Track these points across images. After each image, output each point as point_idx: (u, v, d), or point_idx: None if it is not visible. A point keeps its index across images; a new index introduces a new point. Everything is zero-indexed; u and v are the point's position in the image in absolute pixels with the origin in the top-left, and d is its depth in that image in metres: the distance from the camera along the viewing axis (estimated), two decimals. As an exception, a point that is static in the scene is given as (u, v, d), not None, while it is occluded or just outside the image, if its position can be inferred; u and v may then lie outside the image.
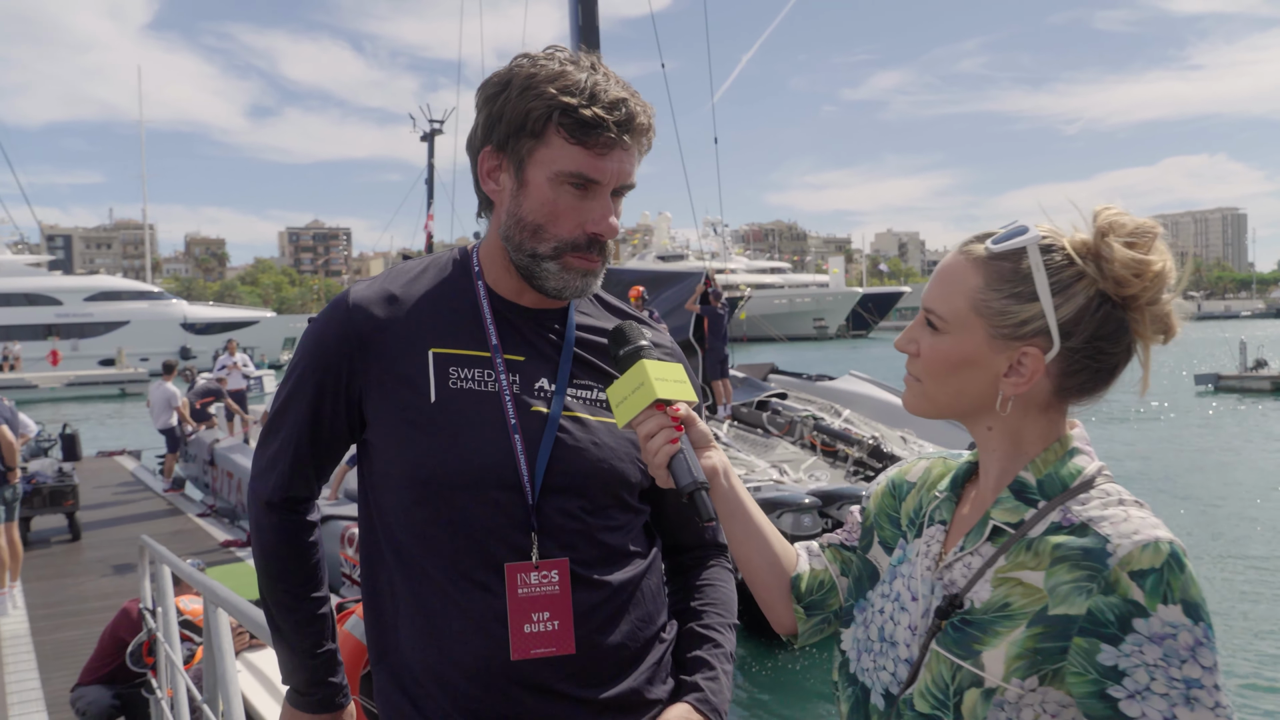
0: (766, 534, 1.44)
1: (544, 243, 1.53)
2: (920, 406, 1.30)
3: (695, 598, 1.73)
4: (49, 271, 62.68)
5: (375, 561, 1.61)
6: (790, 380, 15.81)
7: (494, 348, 1.58)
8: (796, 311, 73.10)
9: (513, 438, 1.54)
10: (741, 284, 71.99)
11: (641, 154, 1.57)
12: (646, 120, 1.53)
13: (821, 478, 10.79)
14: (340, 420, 1.61)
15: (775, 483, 9.82)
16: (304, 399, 1.61)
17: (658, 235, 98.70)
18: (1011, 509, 1.22)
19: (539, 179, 1.51)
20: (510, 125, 1.51)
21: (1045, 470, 1.22)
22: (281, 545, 1.69)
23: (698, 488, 1.32)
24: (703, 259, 58.33)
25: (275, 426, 1.66)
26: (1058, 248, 1.20)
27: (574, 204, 1.51)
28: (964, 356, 1.23)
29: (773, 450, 12.08)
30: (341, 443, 1.64)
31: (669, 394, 1.38)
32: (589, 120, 1.46)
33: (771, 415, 13.47)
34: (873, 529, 1.44)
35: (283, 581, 1.70)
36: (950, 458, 1.42)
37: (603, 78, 1.50)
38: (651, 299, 14.85)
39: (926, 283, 1.30)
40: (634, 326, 1.50)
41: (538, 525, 1.53)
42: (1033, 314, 1.19)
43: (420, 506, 1.54)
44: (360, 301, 1.59)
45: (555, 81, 1.48)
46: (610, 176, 1.51)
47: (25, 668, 7.21)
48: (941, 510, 1.33)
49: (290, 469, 1.65)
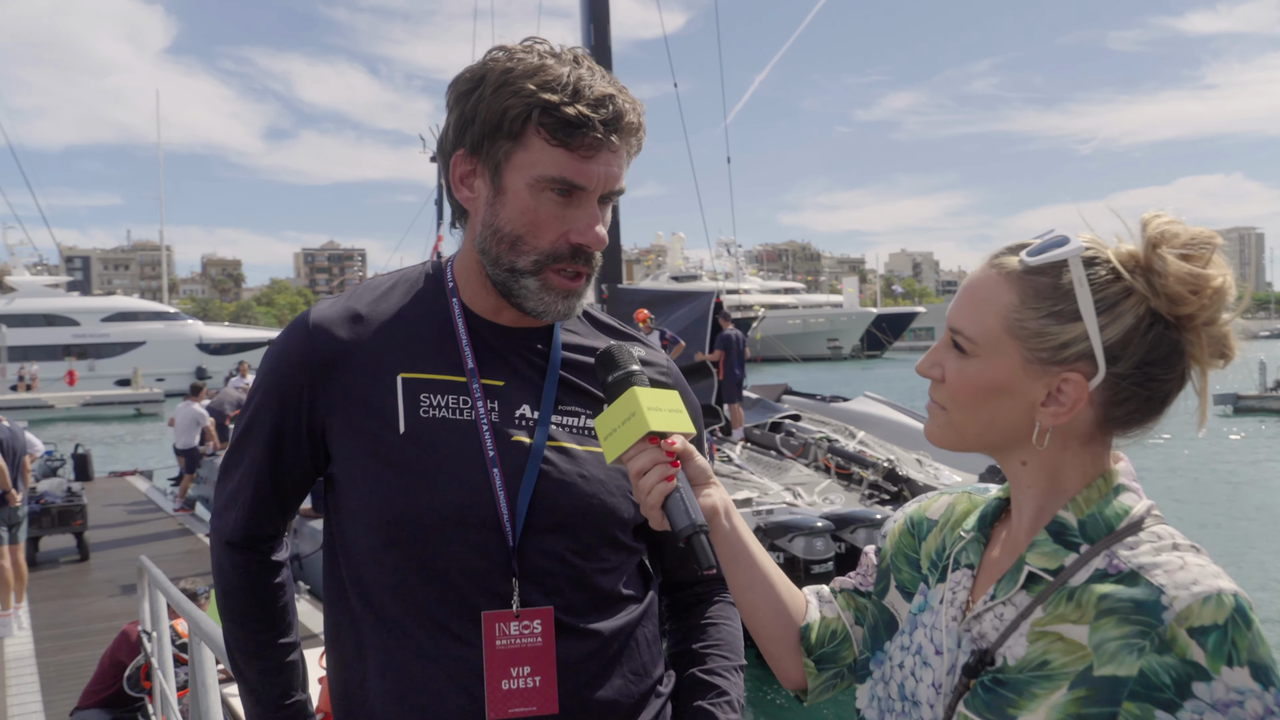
0: (772, 579, 1.30)
1: (523, 256, 1.39)
2: (945, 438, 1.17)
3: (698, 639, 1.58)
4: (67, 292, 62.96)
5: (340, 608, 1.47)
6: (804, 401, 15.64)
7: (470, 372, 1.44)
8: (810, 332, 72.92)
9: (491, 471, 1.39)
10: (755, 304, 71.88)
11: (631, 156, 1.43)
12: (636, 118, 1.39)
13: (836, 501, 10.61)
14: (303, 453, 1.47)
15: (788, 506, 9.67)
16: (262, 430, 1.48)
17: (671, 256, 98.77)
18: (1049, 553, 1.08)
19: (517, 185, 1.37)
20: (485, 126, 1.37)
21: (1087, 510, 1.08)
22: (245, 587, 1.55)
23: (696, 531, 1.18)
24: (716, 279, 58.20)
25: (234, 459, 1.53)
26: (1102, 260, 1.07)
27: (557, 212, 1.37)
28: (996, 383, 1.10)
29: (786, 473, 11.91)
30: (305, 477, 1.51)
31: (663, 425, 1.24)
32: (572, 119, 1.32)
33: (785, 437, 13.30)
34: (889, 572, 1.30)
35: (247, 626, 1.56)
36: (976, 492, 1.29)
37: (587, 72, 1.36)
38: (662, 319, 14.73)
39: (941, 303, 1.17)
40: (624, 348, 1.35)
41: (519, 569, 1.39)
42: (1074, 335, 1.06)
43: (389, 549, 1.40)
44: (321, 322, 1.45)
45: (534, 77, 1.34)
46: (596, 181, 1.37)
47: (28, 689, 7.10)
48: (968, 552, 1.19)
49: (251, 506, 1.51)
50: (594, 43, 16.41)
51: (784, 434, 13.47)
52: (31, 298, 55.43)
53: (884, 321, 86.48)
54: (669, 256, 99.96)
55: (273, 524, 1.55)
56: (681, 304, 15.38)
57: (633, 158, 1.44)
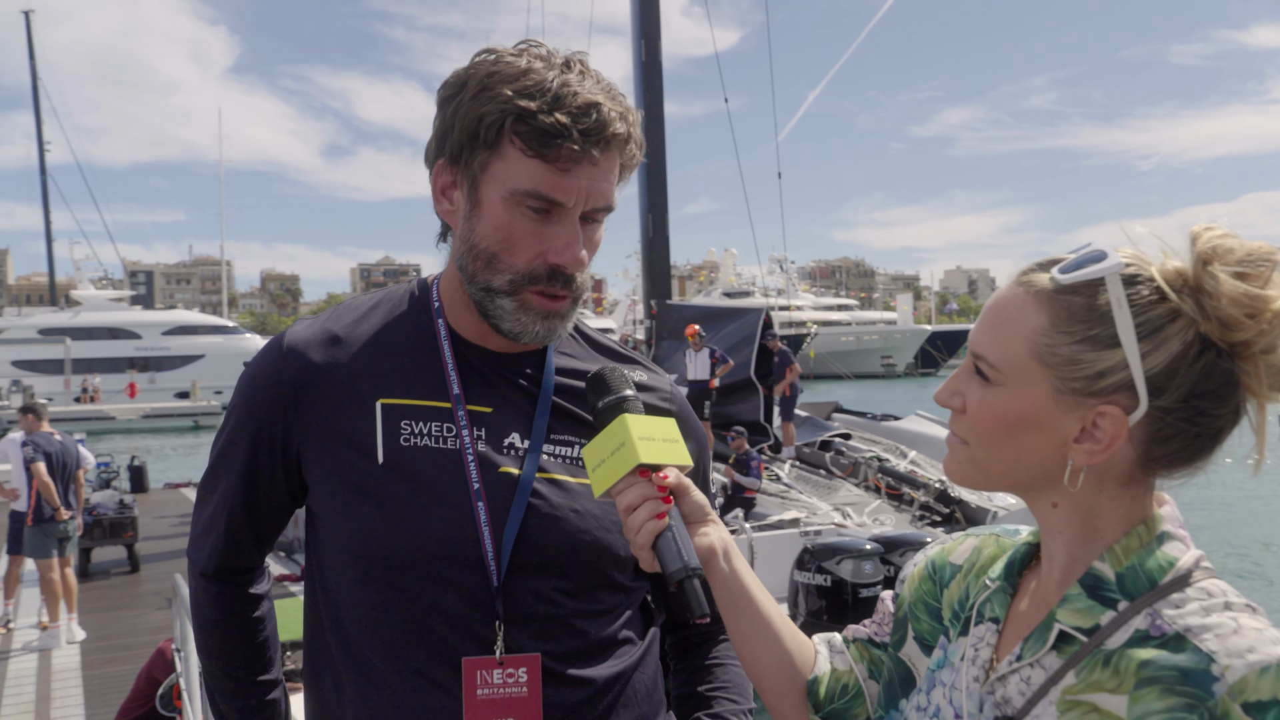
0: (777, 627, 1.18)
1: (498, 274, 1.29)
2: (966, 475, 1.04)
3: (704, 681, 1.48)
4: (130, 307, 64.34)
5: (318, 647, 1.38)
6: (854, 420, 15.42)
7: (455, 398, 1.34)
8: (864, 349, 72.28)
9: (475, 505, 1.29)
10: (808, 321, 71.39)
11: (624, 169, 1.32)
12: (625, 129, 1.28)
13: (886, 522, 10.40)
14: (278, 483, 1.38)
15: (837, 526, 9.49)
16: (236, 458, 1.39)
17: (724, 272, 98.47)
18: (1083, 610, 0.95)
19: (493, 198, 1.28)
20: (463, 134, 1.27)
21: (1127, 561, 0.96)
22: (221, 621, 1.47)
23: (688, 575, 1.07)
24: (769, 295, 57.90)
25: (209, 486, 1.45)
26: (1145, 279, 0.94)
27: (533, 229, 1.27)
28: (1022, 416, 0.98)
29: (835, 492, 11.73)
30: (282, 508, 1.42)
31: (655, 457, 1.13)
32: (547, 128, 1.22)
33: (835, 456, 13.12)
34: (907, 621, 1.18)
35: (224, 662, 1.48)
36: (1005, 535, 1.16)
37: (576, 77, 1.26)
38: (711, 335, 14.61)
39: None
40: (617, 371, 1.24)
41: (504, 612, 1.28)
42: (1112, 364, 0.93)
43: (366, 587, 1.30)
44: (296, 344, 1.37)
45: (515, 81, 1.23)
46: (576, 197, 1.26)
47: (72, 703, 7.14)
48: (993, 604, 1.07)
49: (225, 537, 1.43)
50: (645, 59, 16.43)
51: (834, 453, 13.29)
52: (96, 311, 56.62)
53: (939, 339, 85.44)
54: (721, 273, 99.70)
55: (248, 556, 1.47)
56: (730, 320, 15.25)
57: (629, 172, 1.34)
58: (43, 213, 66.00)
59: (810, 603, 7.79)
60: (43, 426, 8.68)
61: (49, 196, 65.95)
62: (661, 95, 16.54)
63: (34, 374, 46.80)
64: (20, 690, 7.38)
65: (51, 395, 37.97)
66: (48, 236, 67.21)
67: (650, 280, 16.60)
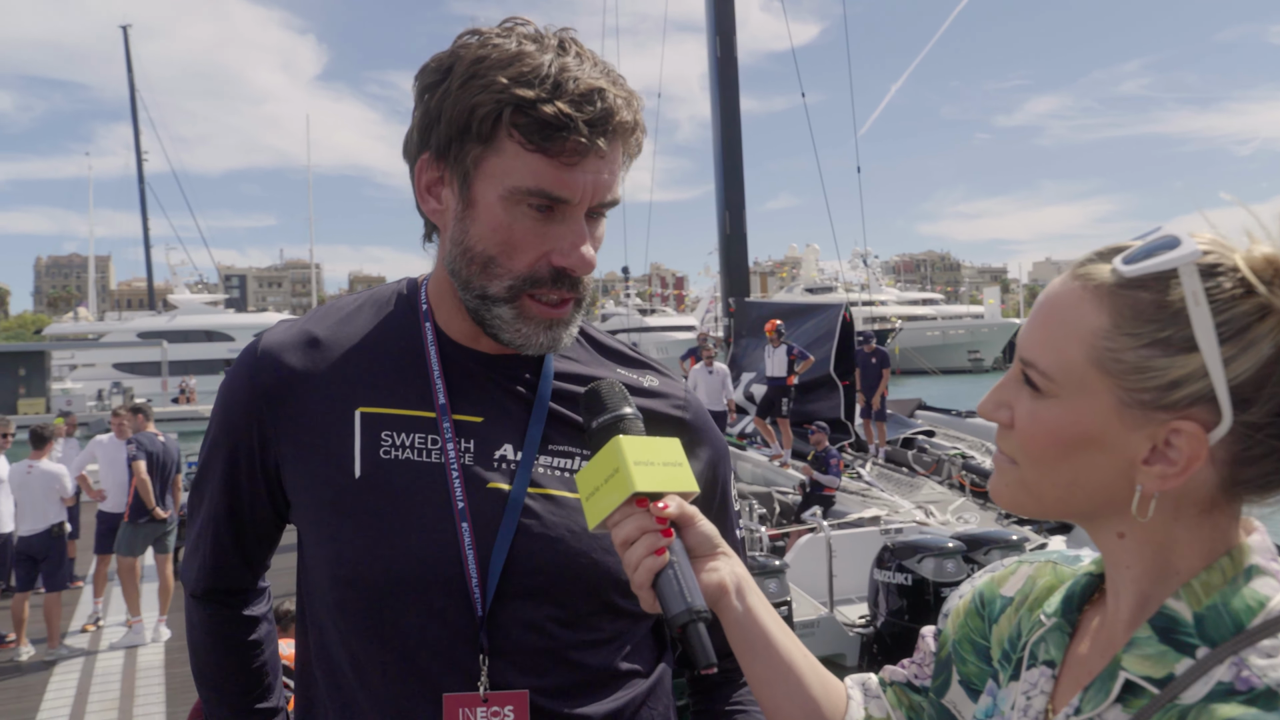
0: (799, 671, 1.03)
1: (496, 280, 1.17)
2: (1015, 499, 0.90)
3: None
4: (224, 309, 66.13)
5: (308, 680, 1.29)
6: (938, 416, 15.08)
7: (440, 407, 1.22)
8: (950, 344, 70.81)
9: (459, 525, 1.18)
10: (892, 316, 70.26)
11: (628, 160, 1.20)
12: (631, 117, 1.15)
13: (970, 520, 10.09)
14: (260, 498, 1.29)
15: (919, 524, 9.24)
16: (216, 471, 1.31)
17: (806, 268, 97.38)
18: (1154, 657, 0.81)
19: (489, 197, 1.15)
20: (452, 126, 1.15)
21: (1207, 599, 0.81)
22: (213, 644, 1.39)
23: (692, 618, 0.94)
24: (851, 291, 57.13)
25: (196, 501, 1.37)
26: (1227, 268, 0.79)
27: (536, 229, 1.15)
28: (1080, 433, 0.83)
29: (918, 490, 11.46)
30: (269, 524, 1.33)
31: (653, 484, 1.00)
32: (551, 119, 1.09)
33: (918, 453, 12.86)
34: (951, 662, 1.04)
35: (218, 689, 1.40)
36: (1063, 563, 1.01)
37: (574, 60, 1.13)
38: (790, 332, 14.40)
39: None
40: (614, 386, 1.11)
41: (488, 643, 1.16)
42: (1188, 371, 0.78)
43: (344, 614, 1.20)
44: (270, 347, 1.27)
45: (509, 67, 1.11)
46: (582, 193, 1.14)
47: (154, 700, 7.26)
48: (1048, 645, 0.92)
49: (212, 556, 1.35)
50: (720, 55, 16.27)
51: (916, 450, 13.02)
52: (191, 315, 58.35)
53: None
54: (803, 268, 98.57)
55: (237, 577, 1.38)
56: (809, 316, 15.01)
57: (631, 162, 1.21)
58: (141, 220, 68.13)
59: (891, 602, 7.59)
60: (149, 427, 8.90)
61: (147, 204, 68.04)
62: (737, 91, 16.36)
63: (133, 376, 48.39)
64: (106, 686, 7.55)
65: (150, 396, 39.16)
66: (146, 243, 69.37)
67: (728, 277, 16.45)
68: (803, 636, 7.27)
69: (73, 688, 7.52)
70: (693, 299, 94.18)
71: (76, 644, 8.56)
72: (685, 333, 53.75)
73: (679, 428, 1.32)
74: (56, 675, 7.83)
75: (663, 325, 62.70)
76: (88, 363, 52.26)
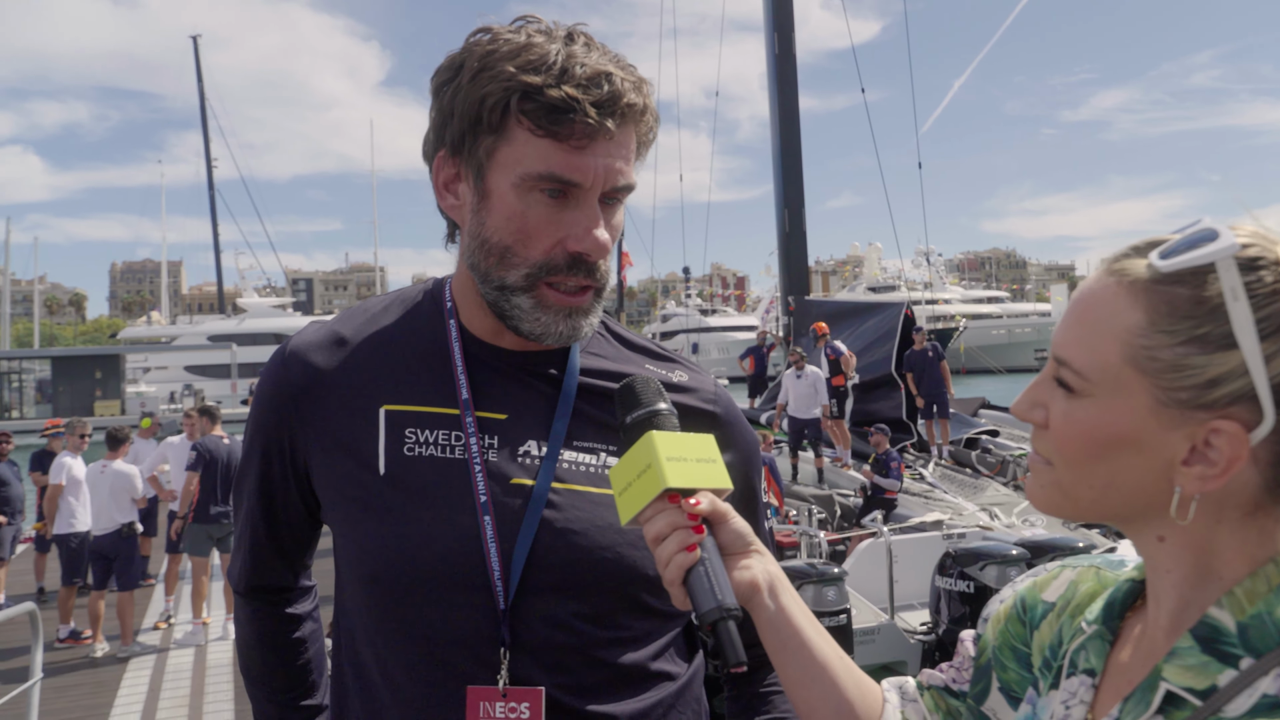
0: (834, 672, 1.01)
1: (513, 270, 1.18)
2: (1051, 501, 0.88)
3: (762, 709, 1.34)
4: (291, 312, 67.42)
5: (340, 677, 1.30)
6: (1003, 416, 14.80)
7: (464, 403, 1.23)
8: (1016, 342, 69.69)
9: (481, 519, 1.18)
10: (956, 314, 69.33)
11: (642, 145, 1.20)
12: (640, 100, 1.15)
13: (1036, 523, 9.91)
14: (292, 497, 1.31)
15: (982, 529, 9.09)
16: (252, 471, 1.34)
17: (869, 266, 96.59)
18: (1196, 667, 0.78)
19: (502, 186, 1.16)
20: (464, 120, 1.16)
21: (1251, 608, 0.78)
22: (257, 641, 1.42)
23: (723, 616, 0.93)
24: (915, 289, 56.48)
25: (237, 499, 1.40)
26: (1270, 262, 0.76)
27: (549, 215, 1.16)
28: (1116, 433, 0.81)
29: (982, 492, 11.26)
30: (303, 523, 1.35)
31: (685, 480, 0.99)
32: (557, 103, 1.10)
33: (981, 454, 12.63)
34: (990, 669, 1.01)
35: (263, 685, 1.44)
36: (1107, 568, 0.98)
37: (582, 48, 1.14)
38: (849, 330, 14.28)
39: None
40: (649, 382, 1.10)
41: (510, 638, 1.16)
42: (1228, 369, 0.76)
43: (371, 610, 1.22)
44: (298, 349, 1.29)
45: (517, 58, 1.12)
46: (594, 176, 1.14)
47: (223, 698, 7.41)
48: (1089, 653, 0.90)
49: (251, 554, 1.38)
50: (778, 52, 16.19)
51: (980, 450, 12.80)
52: (260, 318, 59.56)
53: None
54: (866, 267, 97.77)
55: (277, 574, 1.41)
56: (870, 316, 14.88)
57: (646, 149, 1.22)
58: (211, 226, 69.70)
59: (953, 609, 7.47)
60: (215, 430, 9.10)
61: (217, 211, 69.56)
62: (795, 89, 16.26)
63: (204, 378, 49.55)
64: (177, 684, 7.73)
65: (220, 399, 40.06)
66: (216, 248, 70.98)
67: (788, 276, 16.36)
68: (862, 644, 7.24)
69: (145, 684, 7.72)
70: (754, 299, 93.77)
71: (149, 641, 8.78)
72: (746, 333, 53.59)
73: (710, 422, 1.31)
74: (130, 672, 8.03)
75: (724, 325, 62.63)
76: (160, 365, 53.65)
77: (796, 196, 16.05)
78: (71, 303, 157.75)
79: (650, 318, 63.36)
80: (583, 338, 1.24)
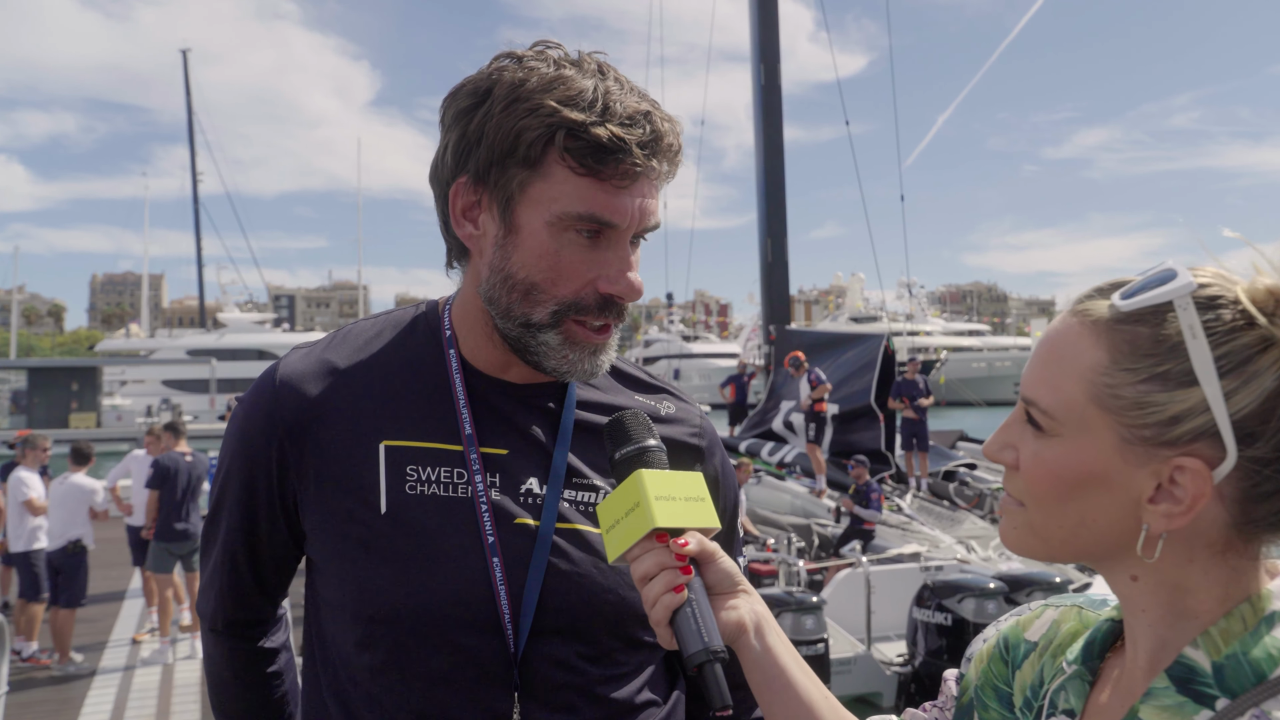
0: (819, 713, 1.00)
1: (540, 307, 1.16)
2: (1023, 542, 0.87)
3: None
4: (272, 329, 67.09)
5: (317, 713, 1.26)
6: (980, 448, 14.85)
7: (468, 439, 1.20)
8: (996, 375, 70.08)
9: (490, 561, 1.16)
10: (938, 346, 69.70)
11: (665, 185, 1.18)
12: (675, 140, 1.15)
13: (1013, 557, 9.92)
14: (278, 530, 1.27)
15: (960, 562, 9.10)
16: (232, 503, 1.29)
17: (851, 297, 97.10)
18: (1172, 708, 0.78)
19: (535, 223, 1.14)
20: (495, 150, 1.13)
21: (1226, 648, 0.78)
22: (231, 678, 1.38)
23: (709, 658, 0.92)
24: (897, 320, 56.78)
25: (211, 532, 1.35)
26: (1227, 301, 0.77)
27: (583, 256, 1.14)
28: (1083, 472, 0.81)
29: (959, 525, 11.28)
30: (287, 556, 1.31)
31: (673, 520, 0.98)
32: (604, 143, 1.08)
33: (959, 486, 12.65)
34: (973, 708, 1.01)
35: None
36: (1088, 607, 0.98)
37: (615, 84, 1.12)
38: (828, 360, 14.32)
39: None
40: (638, 417, 1.08)
41: (521, 681, 1.14)
42: (1188, 406, 0.77)
43: (367, 650, 1.18)
44: (290, 378, 1.25)
45: (553, 90, 1.10)
46: (631, 217, 1.13)
47: (189, 717, 7.31)
48: (1068, 694, 0.90)
49: (229, 589, 1.33)
50: (764, 83, 16.30)
51: (958, 483, 12.82)
52: (240, 334, 59.19)
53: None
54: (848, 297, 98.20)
55: (256, 609, 1.37)
56: (849, 347, 14.92)
57: (665, 185, 1.20)
58: (194, 240, 69.41)
59: (930, 642, 7.47)
60: (180, 445, 8.97)
61: (201, 225, 69.27)
62: (780, 120, 16.39)
63: (182, 393, 49.05)
64: (143, 703, 7.60)
65: (197, 413, 39.72)
66: (199, 262, 70.60)
67: (769, 305, 16.41)
68: (839, 674, 7.20)
69: (110, 703, 7.59)
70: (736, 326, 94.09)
71: (115, 657, 8.64)
72: (728, 360, 53.66)
73: (695, 455, 1.30)
74: (95, 690, 7.90)
75: (706, 352, 62.69)
76: (138, 379, 53.11)
77: (780, 226, 16.13)
78: (50, 313, 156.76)
79: (633, 342, 63.32)
80: (601, 372, 1.22)
